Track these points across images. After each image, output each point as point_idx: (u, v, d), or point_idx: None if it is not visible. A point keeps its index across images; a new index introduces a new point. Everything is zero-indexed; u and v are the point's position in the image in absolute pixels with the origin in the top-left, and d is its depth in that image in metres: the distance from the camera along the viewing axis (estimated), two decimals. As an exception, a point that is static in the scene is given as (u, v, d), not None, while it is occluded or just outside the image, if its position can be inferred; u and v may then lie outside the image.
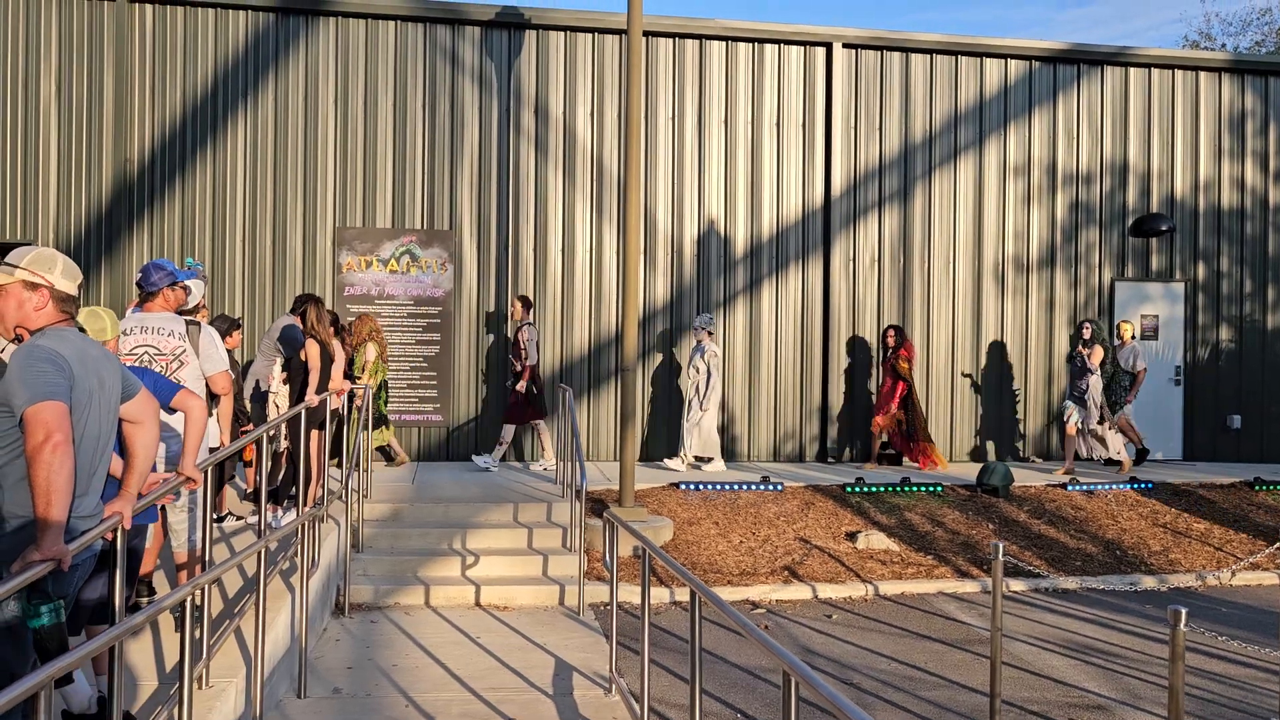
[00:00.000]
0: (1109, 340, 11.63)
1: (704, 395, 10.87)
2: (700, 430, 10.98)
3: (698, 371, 10.92)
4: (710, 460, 11.15)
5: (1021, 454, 12.80)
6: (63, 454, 3.02)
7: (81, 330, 3.49)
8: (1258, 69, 13.20)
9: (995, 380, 12.77)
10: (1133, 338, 11.71)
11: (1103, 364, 11.30)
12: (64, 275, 3.33)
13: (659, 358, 12.17)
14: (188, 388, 4.38)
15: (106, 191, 11.35)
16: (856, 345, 12.50)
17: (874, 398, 12.52)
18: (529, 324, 10.72)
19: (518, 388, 10.60)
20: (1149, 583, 8.88)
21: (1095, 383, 11.19)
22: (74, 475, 3.07)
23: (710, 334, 11.02)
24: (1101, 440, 11.43)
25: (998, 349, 12.77)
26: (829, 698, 2.55)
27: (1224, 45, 28.56)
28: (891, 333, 11.61)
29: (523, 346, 10.62)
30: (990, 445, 12.74)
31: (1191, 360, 13.09)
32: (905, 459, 12.01)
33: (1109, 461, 12.06)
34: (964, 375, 12.58)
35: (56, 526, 3.00)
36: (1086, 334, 11.25)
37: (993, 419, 12.74)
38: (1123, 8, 57.64)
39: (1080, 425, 11.30)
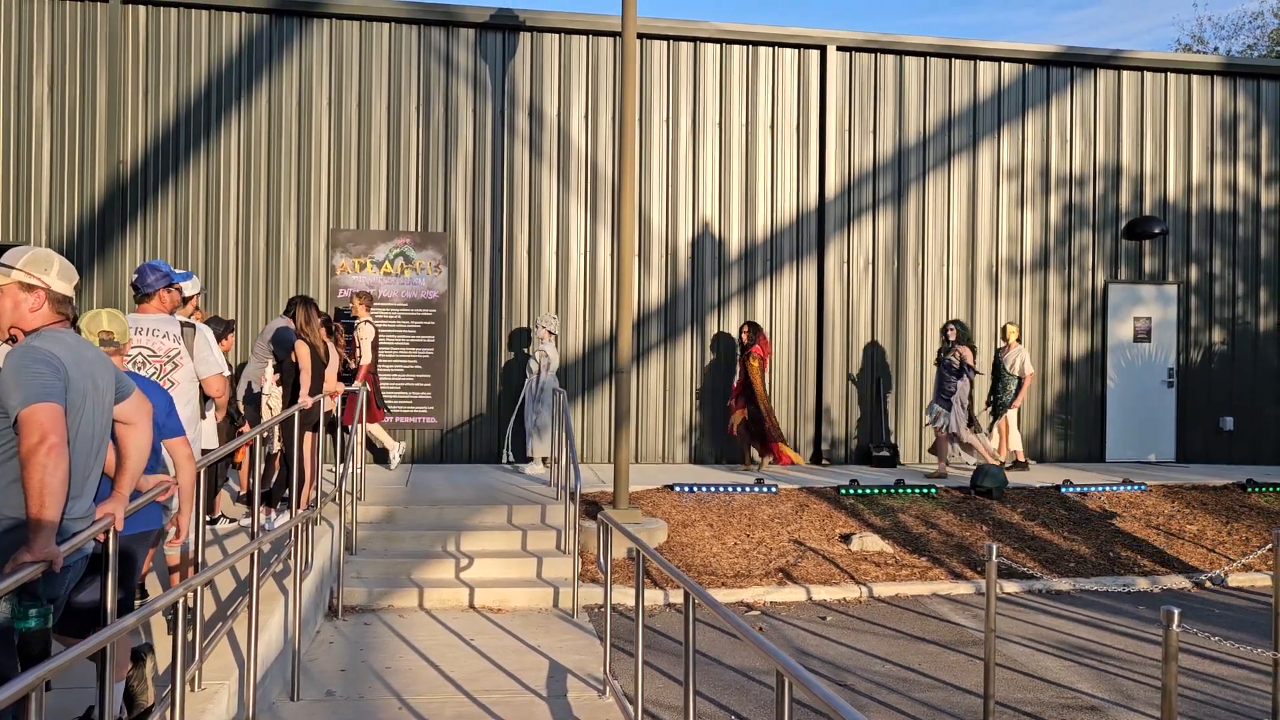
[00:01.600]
0: (988, 340, 11.41)
1: (539, 397, 10.61)
2: (539, 430, 10.77)
3: (530, 373, 10.74)
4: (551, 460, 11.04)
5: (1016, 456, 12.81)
6: (57, 456, 3.00)
7: (77, 331, 3.48)
8: (1249, 72, 13.25)
9: (988, 383, 12.77)
10: (1018, 340, 11.56)
11: (964, 367, 10.93)
12: (60, 277, 3.32)
13: (654, 360, 12.16)
14: (184, 435, 4.33)
15: (100, 193, 11.32)
16: (851, 348, 12.50)
17: (875, 402, 12.53)
18: (368, 321, 10.25)
19: (352, 387, 9.78)
20: (1142, 584, 8.90)
21: (963, 385, 10.96)
22: (68, 477, 3.06)
23: (552, 334, 10.72)
24: (968, 446, 11.09)
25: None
26: (823, 698, 2.55)
27: (1216, 48, 28.68)
28: (745, 329, 11.23)
29: (358, 345, 10.25)
30: (984, 447, 12.75)
31: (1184, 362, 13.13)
32: (763, 457, 11.49)
33: (1017, 463, 11.80)
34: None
35: (49, 528, 2.99)
36: (952, 335, 11.06)
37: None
38: (1119, 11, 57.84)
39: (947, 429, 11.00)
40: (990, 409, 11.83)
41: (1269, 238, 13.32)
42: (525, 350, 11.90)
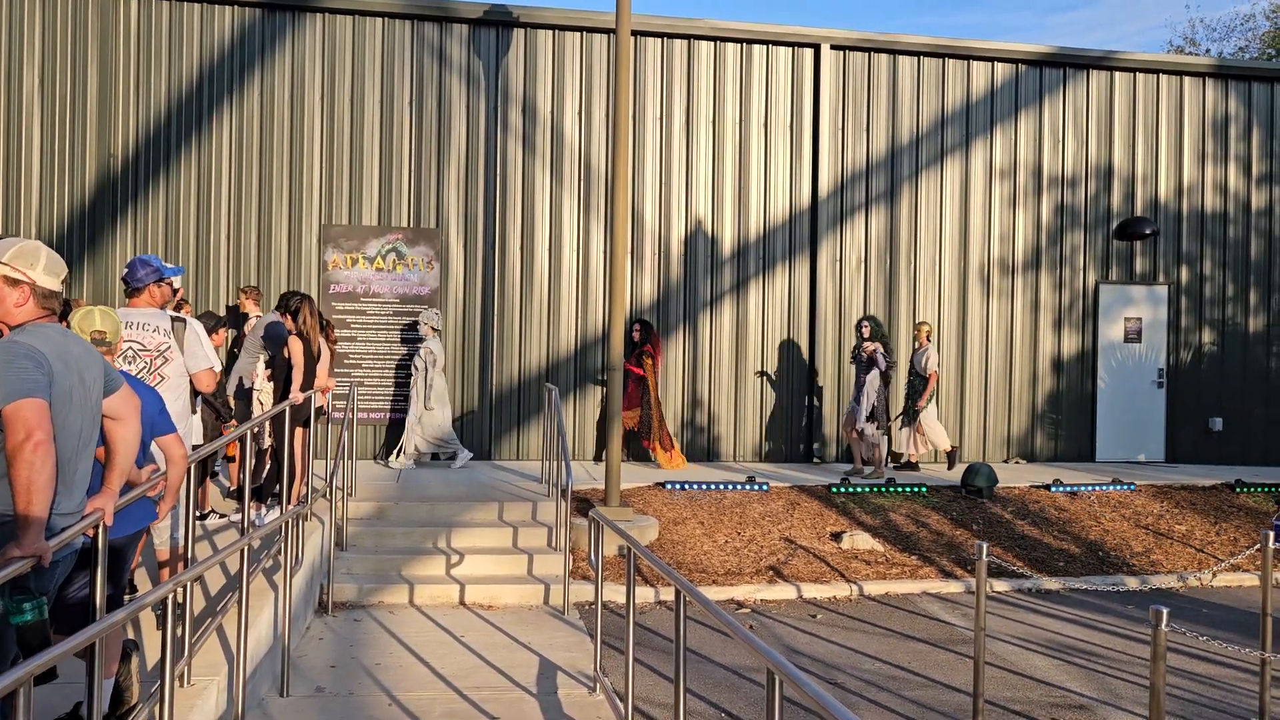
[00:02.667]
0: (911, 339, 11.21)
1: (425, 394, 10.58)
2: (423, 427, 10.71)
3: (416, 370, 10.67)
4: (453, 456, 11.00)
5: (1006, 455, 12.86)
6: (44, 452, 2.99)
7: (67, 326, 3.46)
8: (1241, 74, 13.30)
9: (979, 382, 12.81)
10: (928, 339, 11.45)
11: (871, 360, 10.83)
12: (46, 271, 3.29)
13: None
14: (177, 432, 4.31)
15: (90, 186, 11.27)
16: (843, 346, 12.52)
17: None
18: (259, 317, 9.69)
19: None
20: (1131, 583, 8.94)
21: (872, 380, 10.88)
22: (55, 473, 3.05)
23: (436, 330, 10.66)
24: (864, 439, 11.00)
25: (982, 350, 12.82)
26: (814, 695, 2.56)
27: (1208, 50, 28.77)
28: (637, 327, 11.19)
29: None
30: (974, 446, 12.79)
31: (1174, 363, 13.18)
32: (652, 455, 11.47)
33: (908, 464, 11.71)
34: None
35: (38, 524, 2.97)
36: (865, 332, 10.97)
37: (976, 420, 12.79)
38: (1111, 13, 57.98)
39: (854, 421, 10.92)
40: (903, 411, 11.62)
41: (1259, 239, 13.38)
42: (523, 346, 11.89)
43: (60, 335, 3.29)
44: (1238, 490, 11.14)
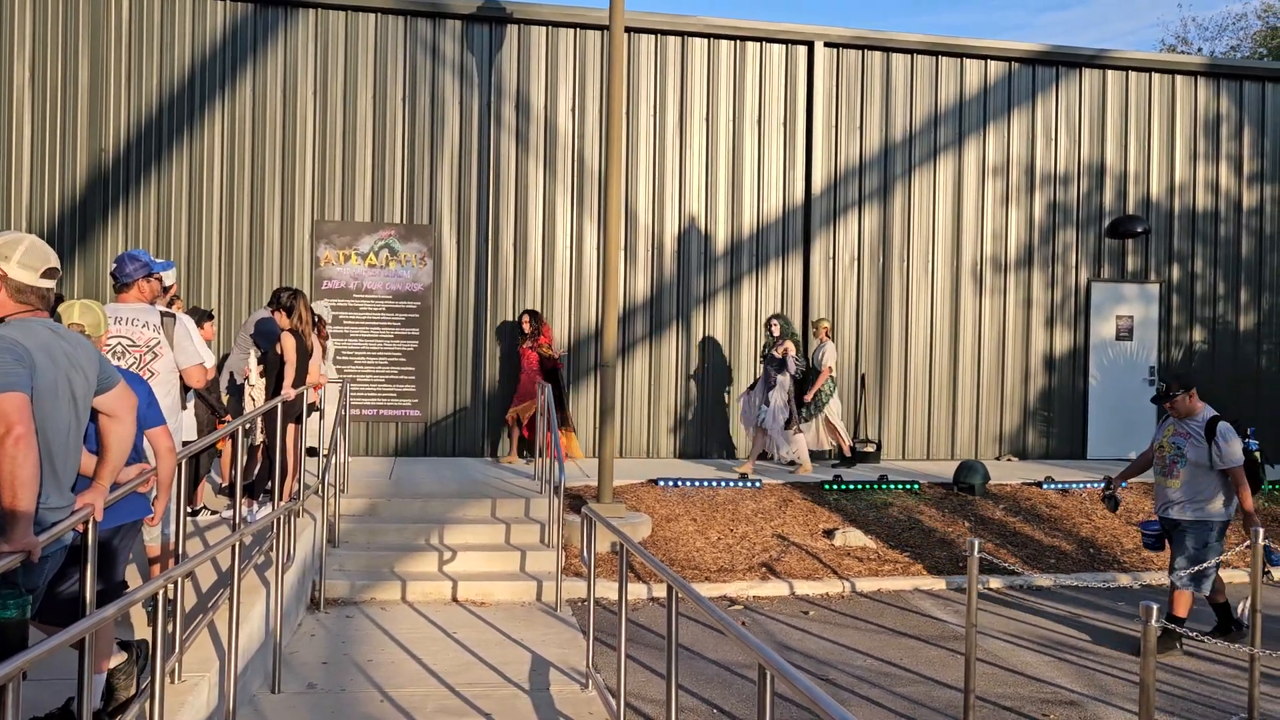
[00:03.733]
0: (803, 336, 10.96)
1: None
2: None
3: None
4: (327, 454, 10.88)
5: (998, 453, 12.89)
6: (25, 446, 2.96)
7: (57, 319, 3.43)
8: (1233, 73, 13.34)
9: (971, 379, 12.84)
10: (827, 335, 11.28)
11: (785, 361, 10.68)
12: (20, 265, 3.24)
13: (639, 354, 12.16)
14: (165, 425, 4.29)
15: (81, 181, 11.22)
16: (836, 343, 12.53)
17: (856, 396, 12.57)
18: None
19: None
20: (1123, 580, 8.97)
21: (783, 382, 10.70)
22: (39, 466, 3.02)
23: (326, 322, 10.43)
24: (779, 438, 10.80)
25: (975, 348, 12.84)
26: (805, 691, 2.56)
27: (1200, 49, 28.86)
28: (526, 317, 10.97)
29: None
30: (966, 443, 12.82)
31: (1165, 361, 13.22)
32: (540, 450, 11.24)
33: (790, 462, 11.36)
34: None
35: (25, 519, 2.96)
36: (775, 330, 10.73)
37: (968, 417, 12.82)
38: (1101, 12, 58.09)
39: (764, 422, 10.73)
40: (806, 407, 11.27)
41: (1250, 238, 13.43)
42: (517, 342, 11.87)
43: (47, 330, 3.27)
44: (1228, 488, 11.17)
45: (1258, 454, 7.21)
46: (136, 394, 4.24)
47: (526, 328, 10.99)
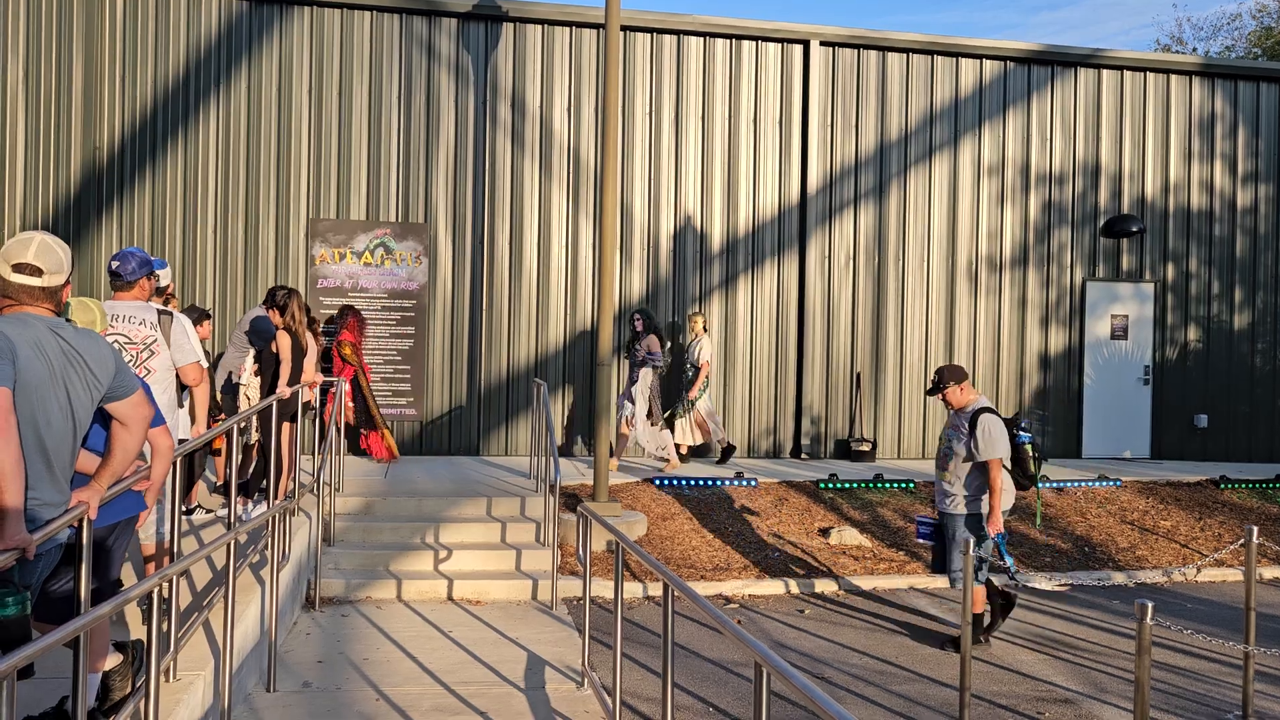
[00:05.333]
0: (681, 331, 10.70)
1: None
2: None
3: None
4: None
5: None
6: (4, 439, 2.95)
7: (67, 319, 3.42)
8: (1227, 73, 13.37)
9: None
10: (704, 330, 11.15)
11: (648, 356, 10.48)
12: (0, 259, 3.26)
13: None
14: (165, 424, 4.27)
15: (75, 179, 11.19)
16: (831, 342, 12.54)
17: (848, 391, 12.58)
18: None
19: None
20: (1117, 579, 8.99)
21: (646, 374, 10.50)
22: (21, 459, 3.00)
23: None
24: (641, 432, 10.63)
25: (970, 347, 12.86)
26: (801, 688, 2.56)
27: (1195, 49, 28.92)
28: (343, 312, 10.75)
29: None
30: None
31: (1160, 360, 13.25)
32: (362, 448, 11.01)
33: (661, 459, 11.21)
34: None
35: (14, 513, 2.94)
36: (638, 325, 10.58)
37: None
38: (1093, 12, 58.18)
39: (627, 417, 10.55)
40: (684, 404, 11.11)
41: (1244, 237, 13.46)
42: (511, 342, 11.86)
43: (44, 326, 3.26)
44: (1222, 486, 11.21)
45: (1029, 446, 6.99)
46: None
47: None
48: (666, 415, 10.93)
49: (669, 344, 10.77)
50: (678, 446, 11.22)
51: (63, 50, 11.15)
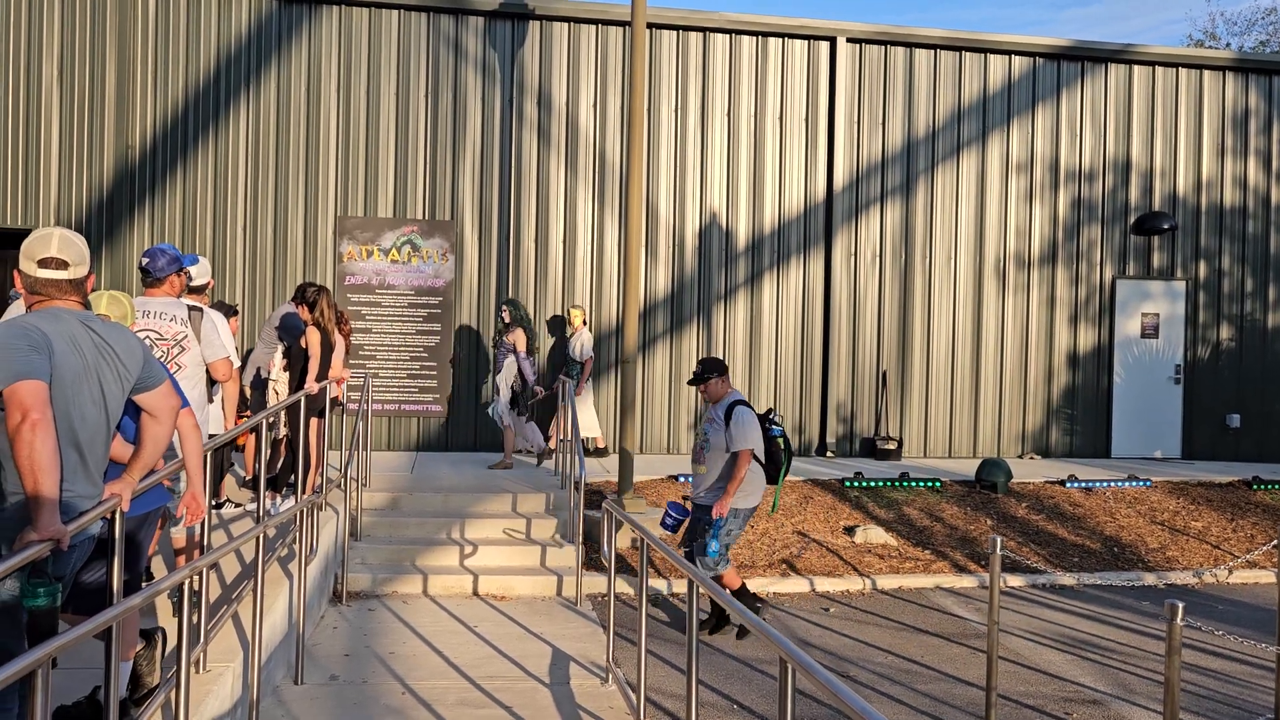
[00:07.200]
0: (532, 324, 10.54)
1: None
2: None
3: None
4: None
5: (1021, 451, 12.80)
6: (42, 432, 2.99)
7: (89, 311, 3.46)
8: (1262, 68, 13.17)
9: (994, 377, 12.76)
10: (584, 324, 10.99)
11: (514, 351, 10.15)
12: (24, 256, 3.32)
13: (660, 350, 12.16)
14: (188, 407, 4.31)
15: (108, 177, 11.34)
16: (857, 340, 12.49)
17: (869, 390, 12.52)
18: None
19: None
20: (1148, 579, 8.89)
21: (509, 367, 10.15)
22: (57, 452, 3.04)
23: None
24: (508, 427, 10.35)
25: (998, 345, 12.76)
26: (827, 684, 2.56)
27: (1228, 45, 28.52)
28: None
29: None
30: (989, 441, 12.74)
31: (1191, 359, 13.09)
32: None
33: (526, 451, 11.04)
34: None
35: (49, 504, 2.99)
36: (505, 317, 10.29)
37: (991, 415, 12.74)
38: (1122, 8, 57.49)
39: (499, 415, 10.25)
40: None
41: (1279, 234, 13.26)
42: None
43: (75, 320, 3.31)
44: (1255, 487, 11.06)
45: (781, 440, 6.96)
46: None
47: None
48: (531, 404, 10.70)
49: (535, 339, 10.62)
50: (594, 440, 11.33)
51: (96, 50, 11.30)
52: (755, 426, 6.77)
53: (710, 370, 6.88)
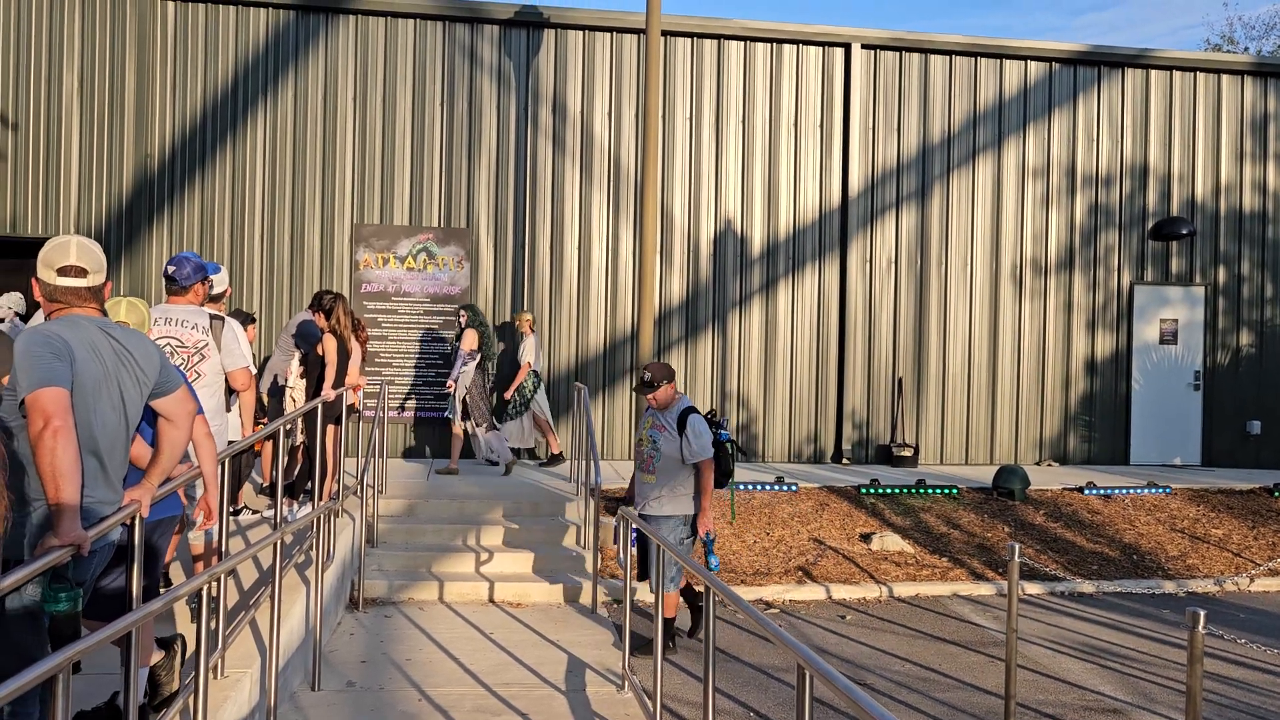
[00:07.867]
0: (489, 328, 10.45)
1: None
2: None
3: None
4: None
5: (1038, 458, 12.72)
6: (64, 439, 3.01)
7: (107, 318, 3.49)
8: (1281, 72, 13.09)
9: (1011, 383, 12.69)
10: (531, 330, 10.78)
11: (468, 354, 10.11)
12: (42, 264, 3.35)
13: (675, 356, 12.16)
14: (201, 414, 4.32)
15: (127, 186, 11.43)
16: (873, 347, 12.45)
17: (884, 396, 12.47)
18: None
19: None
20: (1168, 587, 8.81)
21: (467, 373, 10.09)
22: (78, 458, 3.06)
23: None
24: (472, 433, 10.35)
25: (1014, 351, 12.70)
26: (845, 691, 2.54)
27: (1247, 49, 28.34)
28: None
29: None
30: (1006, 448, 12.67)
31: (1211, 365, 12.99)
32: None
33: (489, 461, 10.82)
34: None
35: (70, 510, 3.01)
36: (462, 320, 10.23)
37: (1008, 422, 12.67)
38: (1137, 13, 57.22)
39: (447, 415, 10.16)
40: (511, 404, 10.75)
41: (1299, 239, 13.15)
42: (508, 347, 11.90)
43: (95, 327, 3.34)
44: (1276, 494, 10.96)
45: (729, 444, 6.81)
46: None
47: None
48: (510, 415, 10.66)
49: (491, 342, 10.51)
50: (516, 449, 11.15)
51: (116, 60, 11.41)
52: (709, 433, 6.57)
53: (660, 376, 6.63)
